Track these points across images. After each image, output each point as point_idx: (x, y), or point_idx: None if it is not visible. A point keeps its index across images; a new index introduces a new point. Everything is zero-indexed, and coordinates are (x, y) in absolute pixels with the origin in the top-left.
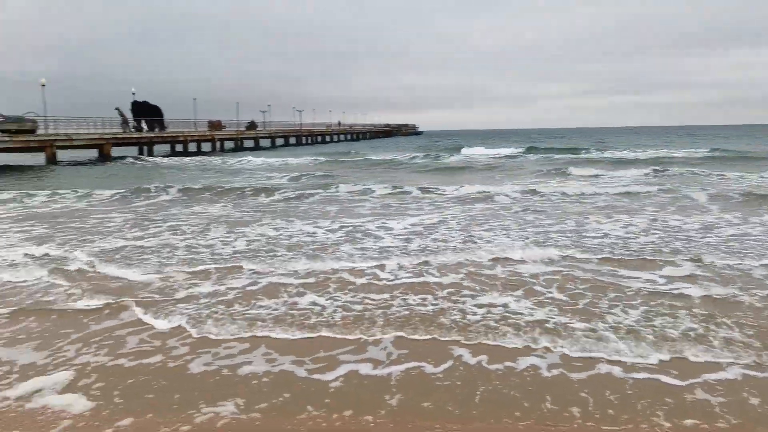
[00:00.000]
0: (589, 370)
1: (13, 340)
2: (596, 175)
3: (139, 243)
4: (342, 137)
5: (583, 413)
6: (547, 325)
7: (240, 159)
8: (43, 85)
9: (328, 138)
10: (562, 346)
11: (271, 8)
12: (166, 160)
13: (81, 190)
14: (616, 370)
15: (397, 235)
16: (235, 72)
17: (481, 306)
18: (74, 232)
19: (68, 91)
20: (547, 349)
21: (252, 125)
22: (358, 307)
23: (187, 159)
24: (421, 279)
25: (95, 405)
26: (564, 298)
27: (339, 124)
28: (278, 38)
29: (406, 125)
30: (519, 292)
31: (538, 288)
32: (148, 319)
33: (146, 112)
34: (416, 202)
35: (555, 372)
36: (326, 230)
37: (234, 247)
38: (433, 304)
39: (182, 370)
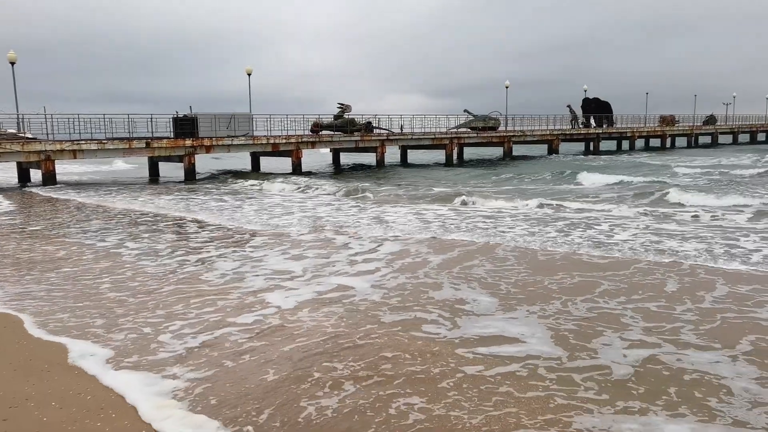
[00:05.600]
0: None
1: None
2: None
3: None
4: None
5: None
6: None
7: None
8: (507, 87)
9: None
10: None
11: None
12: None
13: None
14: None
15: None
16: (693, 63)
17: None
18: None
19: (527, 90)
20: None
21: (710, 120)
22: None
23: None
24: None
25: None
26: None
27: None
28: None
29: None
30: None
31: None
32: None
33: (596, 108)
34: None
35: None
36: None
37: None
38: None
39: None
